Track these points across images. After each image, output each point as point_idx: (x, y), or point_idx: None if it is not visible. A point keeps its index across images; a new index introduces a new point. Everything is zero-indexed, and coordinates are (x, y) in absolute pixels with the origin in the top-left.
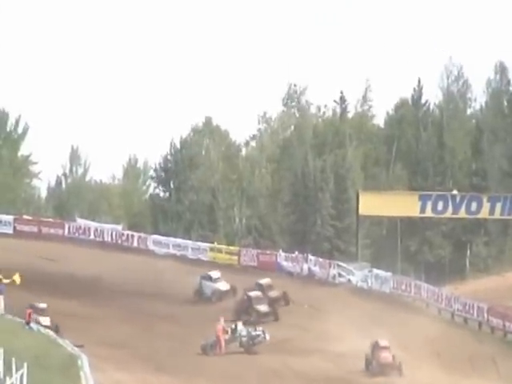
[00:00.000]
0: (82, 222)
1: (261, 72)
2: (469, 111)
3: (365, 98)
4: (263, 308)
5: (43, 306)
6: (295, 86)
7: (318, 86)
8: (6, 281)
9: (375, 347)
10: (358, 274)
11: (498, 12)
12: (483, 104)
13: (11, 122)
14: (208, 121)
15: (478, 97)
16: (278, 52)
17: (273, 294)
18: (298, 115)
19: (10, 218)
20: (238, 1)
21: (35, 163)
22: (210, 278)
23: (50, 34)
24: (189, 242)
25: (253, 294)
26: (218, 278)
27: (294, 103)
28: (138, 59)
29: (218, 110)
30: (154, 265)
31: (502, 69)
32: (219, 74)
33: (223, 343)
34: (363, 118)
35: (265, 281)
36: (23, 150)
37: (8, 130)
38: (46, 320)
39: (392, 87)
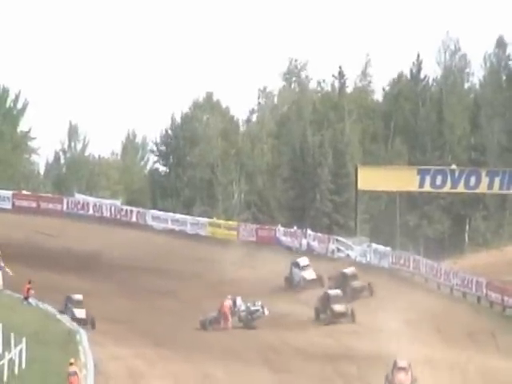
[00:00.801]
0: (80, 197)
1: (261, 47)
2: (466, 86)
3: (364, 73)
4: (340, 308)
5: (79, 297)
6: (296, 61)
7: (317, 61)
8: None
9: (394, 367)
10: (356, 248)
11: None
12: (481, 78)
13: (11, 97)
14: (209, 96)
15: (476, 71)
16: (277, 27)
17: (356, 284)
18: (297, 90)
19: (8, 193)
20: None
21: (34, 139)
22: (298, 265)
23: (49, 10)
24: (187, 217)
25: (332, 292)
26: (306, 266)
27: (294, 78)
28: (138, 34)
29: (218, 85)
30: (153, 240)
31: (501, 44)
32: (220, 48)
33: (230, 320)
34: (362, 93)
35: (350, 270)
36: (22, 126)
37: (8, 106)
38: (81, 312)
39: (391, 62)
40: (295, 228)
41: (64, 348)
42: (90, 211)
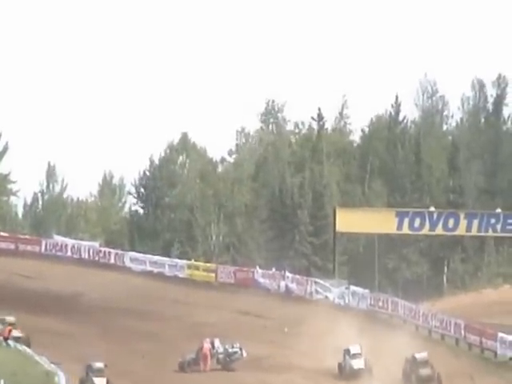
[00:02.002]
0: (59, 238)
1: (238, 88)
2: (445, 127)
3: (341, 115)
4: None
5: (100, 365)
6: (273, 102)
7: (294, 103)
8: None
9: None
10: (335, 290)
11: (474, 29)
12: (459, 120)
13: None
14: (184, 137)
15: (454, 113)
16: (254, 68)
17: (424, 372)
18: (275, 132)
19: None
20: (215, 16)
21: (14, 182)
22: (348, 353)
23: (26, 52)
24: (166, 259)
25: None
26: (357, 354)
27: (271, 120)
28: (112, 75)
29: (194, 126)
30: (131, 282)
31: (479, 85)
32: (196, 89)
33: (209, 362)
34: (339, 135)
35: (421, 355)
36: (2, 169)
37: None
38: (102, 381)
39: (369, 104)
40: (274, 270)
41: None
42: (69, 253)
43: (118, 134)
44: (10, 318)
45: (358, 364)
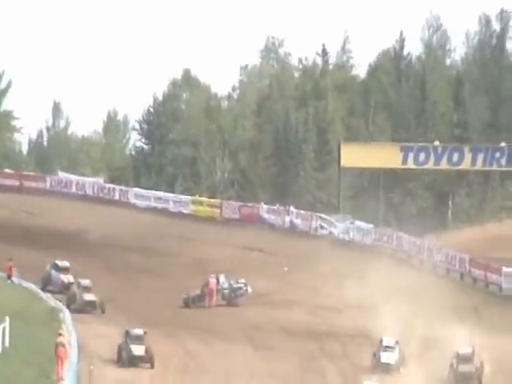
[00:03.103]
0: (63, 175)
1: (240, 24)
2: (448, 62)
3: (344, 50)
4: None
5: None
6: (273, 38)
7: (298, 38)
8: None
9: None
10: (339, 225)
11: None
12: (463, 55)
13: None
14: (187, 73)
15: (458, 48)
16: (256, 3)
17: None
18: (277, 67)
19: None
20: None
21: (17, 118)
22: (381, 344)
23: None
24: (170, 195)
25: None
26: (389, 347)
27: (272, 55)
28: (118, 13)
29: (196, 62)
30: (136, 218)
31: (485, 20)
32: (197, 26)
33: (215, 298)
34: (343, 70)
35: (464, 350)
36: (6, 105)
37: None
38: (140, 349)
39: (373, 40)
40: (278, 205)
41: (47, 326)
42: (73, 189)
43: (122, 71)
44: (64, 263)
45: (386, 358)
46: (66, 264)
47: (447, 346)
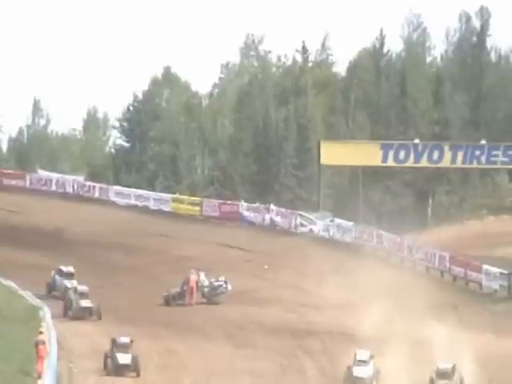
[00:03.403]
0: (43, 173)
1: (219, 22)
2: (428, 59)
3: (324, 47)
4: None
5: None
6: (252, 35)
7: (278, 36)
8: None
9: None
10: (319, 223)
11: None
12: (443, 52)
13: None
14: (167, 71)
15: (437, 45)
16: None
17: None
18: (256, 65)
19: None
20: None
21: None
22: (355, 359)
23: None
24: (151, 193)
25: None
26: (361, 361)
27: (252, 53)
28: (96, 10)
29: (177, 60)
30: (116, 216)
31: (465, 17)
32: (178, 23)
33: (195, 294)
34: (323, 67)
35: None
36: None
37: None
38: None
39: (353, 37)
40: (258, 203)
41: (27, 324)
42: (53, 187)
43: (102, 69)
44: (69, 268)
45: (359, 372)
46: (70, 269)
47: (427, 344)
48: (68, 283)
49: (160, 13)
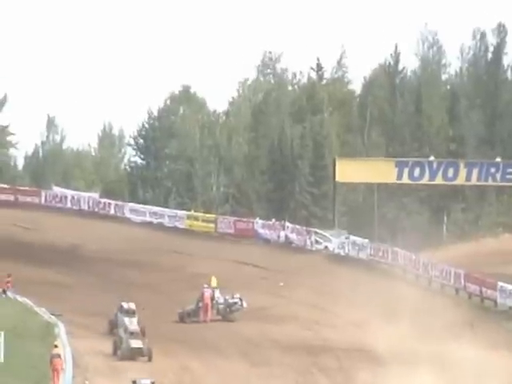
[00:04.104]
0: (58, 190)
1: (238, 40)
2: (443, 77)
3: (340, 64)
4: None
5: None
6: (270, 53)
7: (292, 53)
8: None
9: None
10: (335, 240)
11: None
12: (458, 70)
13: None
14: (186, 89)
15: (453, 62)
16: (253, 19)
17: None
18: (273, 82)
19: None
20: None
21: (13, 134)
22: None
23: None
24: (166, 210)
25: None
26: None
27: (269, 70)
28: (116, 28)
29: (193, 77)
30: (131, 232)
31: (480, 35)
32: (196, 41)
33: (210, 310)
34: (338, 84)
35: None
36: (1, 121)
37: None
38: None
39: (368, 54)
40: (273, 220)
41: (42, 341)
42: (68, 204)
43: (118, 85)
44: (130, 305)
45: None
46: (131, 306)
47: (441, 361)
48: (127, 321)
49: (177, 30)
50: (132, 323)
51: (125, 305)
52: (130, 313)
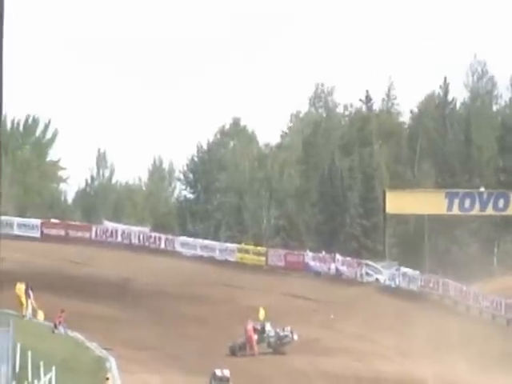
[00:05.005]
0: (109, 224)
1: (288, 72)
2: (495, 108)
3: (389, 96)
4: None
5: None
6: (322, 85)
7: (343, 86)
8: None
9: None
10: (385, 272)
11: None
12: (507, 100)
13: (40, 127)
14: (236, 122)
15: (503, 93)
16: (303, 52)
17: None
18: (324, 115)
19: (37, 221)
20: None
21: (64, 169)
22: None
23: (75, 39)
24: (216, 244)
25: None
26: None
27: (321, 103)
28: (164, 61)
29: (244, 110)
30: (182, 266)
31: None
32: (245, 74)
33: (255, 344)
34: (388, 116)
35: None
36: (52, 155)
37: (37, 135)
38: None
39: (417, 86)
40: (324, 253)
41: (93, 376)
42: (119, 238)
43: (168, 119)
44: (224, 372)
45: None
46: (226, 374)
47: None
48: None
49: (227, 61)
50: None
51: (218, 372)
52: (223, 381)
